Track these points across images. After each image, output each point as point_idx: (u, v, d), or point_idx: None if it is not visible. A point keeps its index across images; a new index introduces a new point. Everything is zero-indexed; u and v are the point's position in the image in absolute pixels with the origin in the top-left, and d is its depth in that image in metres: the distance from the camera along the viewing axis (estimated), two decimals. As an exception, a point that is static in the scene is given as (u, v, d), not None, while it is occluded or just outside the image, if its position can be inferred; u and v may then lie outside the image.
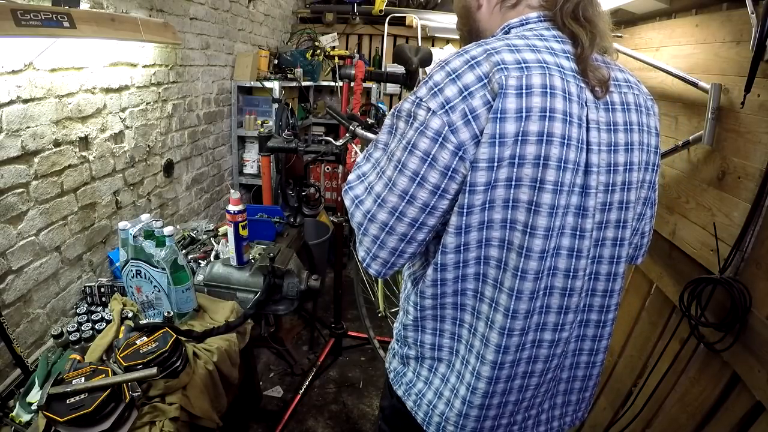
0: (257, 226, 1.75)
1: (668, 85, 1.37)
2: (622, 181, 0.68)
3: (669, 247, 1.33)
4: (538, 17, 0.68)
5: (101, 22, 1.36)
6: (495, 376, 0.69)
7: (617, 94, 0.68)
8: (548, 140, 0.60)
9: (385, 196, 0.65)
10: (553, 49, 0.64)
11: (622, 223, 0.70)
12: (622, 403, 1.49)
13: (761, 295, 0.98)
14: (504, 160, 0.60)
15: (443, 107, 0.60)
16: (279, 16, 3.52)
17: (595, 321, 0.75)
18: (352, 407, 2.14)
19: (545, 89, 0.59)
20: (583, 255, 0.67)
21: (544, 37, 0.65)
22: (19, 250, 1.28)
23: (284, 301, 1.50)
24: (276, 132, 2.08)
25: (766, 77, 0.98)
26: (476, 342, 0.70)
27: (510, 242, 0.64)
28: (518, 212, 0.62)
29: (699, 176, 1.22)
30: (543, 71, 0.60)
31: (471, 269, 0.68)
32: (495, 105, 0.59)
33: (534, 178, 0.61)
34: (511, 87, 0.58)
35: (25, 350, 1.28)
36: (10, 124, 1.21)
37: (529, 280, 0.64)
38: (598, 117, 0.65)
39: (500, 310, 0.66)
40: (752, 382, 0.96)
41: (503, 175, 0.61)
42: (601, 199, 0.67)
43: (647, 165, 0.72)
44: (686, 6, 1.35)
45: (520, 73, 0.59)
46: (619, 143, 0.67)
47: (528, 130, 0.59)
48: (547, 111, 0.59)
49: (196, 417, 1.14)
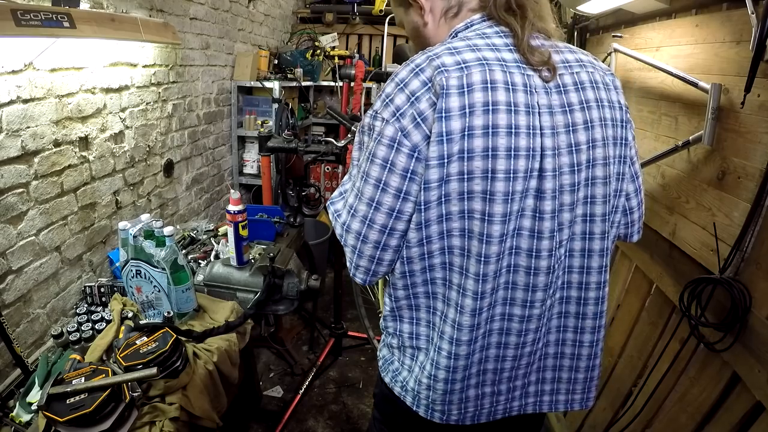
0: (257, 226, 1.75)
1: (668, 85, 1.37)
2: (586, 159, 0.70)
3: (669, 247, 1.33)
4: (481, 17, 0.71)
5: (101, 22, 1.36)
6: (468, 351, 0.72)
7: (568, 75, 0.69)
8: (494, 132, 0.63)
9: (356, 206, 0.70)
10: (495, 45, 0.67)
11: (590, 200, 0.72)
12: (622, 403, 1.49)
13: (761, 295, 0.98)
14: (453, 156, 0.63)
15: (394, 115, 0.65)
16: (279, 16, 3.52)
17: (575, 298, 0.77)
18: (352, 407, 2.14)
19: (485, 84, 0.63)
20: (545, 236, 0.69)
21: (486, 35, 0.68)
22: (19, 250, 1.28)
23: (284, 301, 1.50)
24: (276, 132, 2.08)
25: (766, 77, 0.98)
26: (447, 328, 0.72)
27: (470, 231, 0.67)
28: (474, 202, 0.65)
29: (699, 176, 1.22)
30: (482, 68, 0.63)
31: (437, 259, 0.70)
32: (438, 105, 0.62)
33: (485, 169, 0.64)
34: (453, 87, 0.62)
35: (25, 350, 1.28)
36: (10, 124, 1.21)
37: (492, 263, 0.67)
38: (550, 101, 0.67)
39: (468, 294, 0.69)
40: (752, 382, 0.96)
41: (455, 169, 0.64)
42: (568, 180, 0.68)
43: (615, 140, 0.73)
44: (686, 6, 1.35)
45: (460, 72, 0.63)
46: (577, 123, 0.68)
47: (473, 124, 0.62)
48: (490, 104, 0.62)
49: (196, 417, 1.14)
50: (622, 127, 0.74)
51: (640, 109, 1.52)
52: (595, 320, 0.79)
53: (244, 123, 2.87)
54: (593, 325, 0.79)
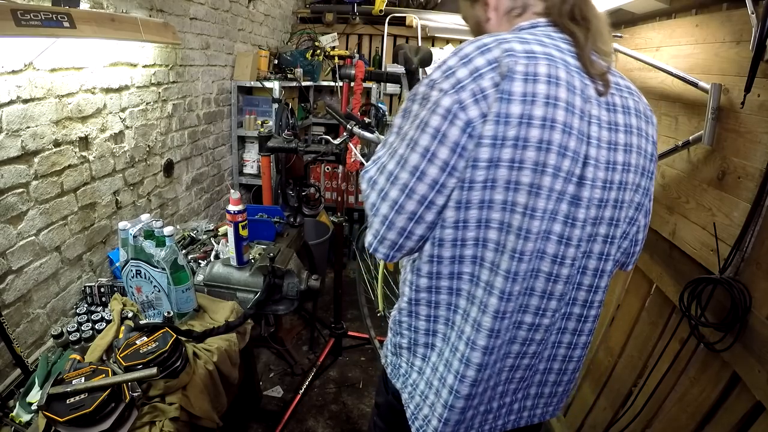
0: (257, 226, 1.75)
1: (668, 85, 1.37)
2: (619, 180, 0.70)
3: (669, 247, 1.33)
4: (546, 22, 0.72)
5: (101, 22, 1.36)
6: (484, 362, 0.71)
7: (619, 98, 0.71)
8: (552, 126, 0.63)
9: (397, 173, 0.68)
10: (560, 47, 0.68)
11: (614, 222, 0.72)
12: (622, 403, 1.49)
13: (761, 295, 0.98)
14: (508, 140, 0.63)
15: (454, 87, 0.64)
16: (279, 16, 3.52)
17: (577, 315, 0.77)
18: (352, 407, 2.14)
19: (550, 78, 0.63)
20: (573, 243, 0.69)
21: (551, 37, 0.69)
22: (19, 250, 1.28)
23: (284, 301, 1.50)
24: (276, 132, 2.08)
25: (766, 77, 0.98)
26: (467, 328, 0.71)
27: (509, 224, 0.66)
28: (519, 194, 0.65)
29: (699, 176, 1.22)
30: (549, 62, 0.64)
31: (469, 250, 0.69)
32: (502, 86, 0.62)
33: (536, 161, 0.63)
34: (519, 72, 0.62)
35: (25, 350, 1.28)
36: (10, 124, 1.21)
37: (525, 261, 0.67)
38: (600, 114, 0.68)
39: (495, 293, 0.68)
40: (752, 382, 0.96)
41: (507, 155, 0.63)
42: (597, 195, 0.69)
43: (644, 170, 0.74)
44: (686, 6, 1.35)
45: (527, 61, 0.63)
46: (618, 143, 0.70)
47: (533, 114, 0.62)
48: (551, 98, 0.63)
49: (196, 417, 1.14)
50: (651, 161, 0.76)
51: (640, 109, 1.52)
52: (587, 337, 0.80)
53: (244, 123, 2.87)
54: (585, 342, 0.80)
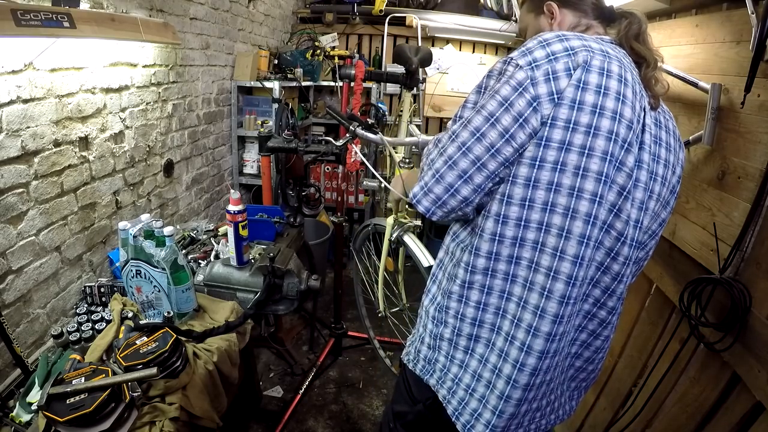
0: (257, 226, 1.75)
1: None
2: (657, 192, 0.76)
3: (669, 247, 1.33)
4: (610, 40, 0.77)
5: (101, 22, 1.36)
6: (547, 349, 0.71)
7: (663, 117, 0.78)
8: (620, 119, 0.68)
9: (459, 131, 0.72)
10: (620, 59, 0.72)
11: (641, 226, 0.75)
12: (622, 403, 1.49)
13: (761, 295, 0.98)
14: (580, 126, 0.66)
15: (530, 64, 0.69)
16: (279, 16, 3.52)
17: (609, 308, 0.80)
18: (352, 407, 2.14)
19: (621, 78, 0.68)
20: (627, 242, 0.73)
21: (615, 49, 0.75)
22: (19, 250, 1.28)
23: (284, 301, 1.50)
24: (276, 132, 2.08)
25: (766, 77, 0.98)
26: (527, 315, 0.71)
27: (575, 210, 0.68)
28: (587, 181, 0.67)
29: (699, 176, 1.22)
30: (619, 64, 0.70)
31: (531, 234, 0.70)
32: (577, 75, 0.67)
33: (605, 150, 0.67)
34: (595, 66, 0.67)
35: (25, 350, 1.28)
36: (10, 124, 1.21)
37: (590, 247, 0.69)
38: (650, 125, 0.74)
39: (561, 279, 0.69)
40: (752, 382, 0.96)
41: (578, 140, 0.67)
42: (639, 197, 0.72)
43: (673, 189, 0.81)
44: (686, 6, 1.35)
45: (603, 57, 0.69)
46: (660, 157, 0.76)
47: (605, 105, 0.67)
48: (621, 95, 0.68)
49: (196, 417, 1.14)
50: (678, 182, 0.82)
51: (640, 109, 1.52)
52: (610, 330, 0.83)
53: (244, 123, 2.87)
54: (608, 335, 0.83)
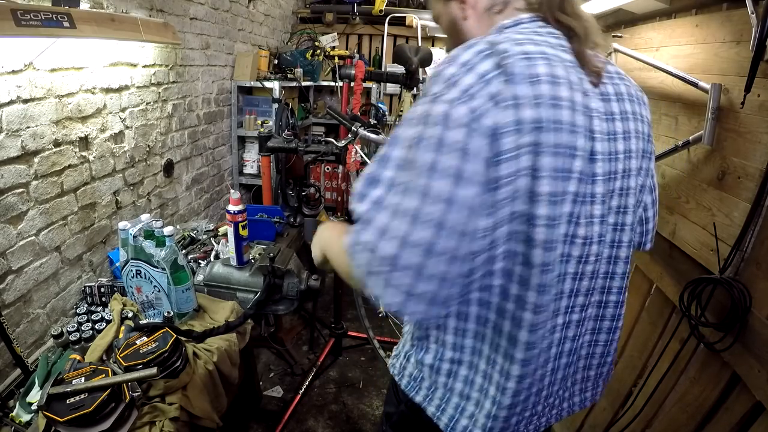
0: (257, 226, 1.75)
1: (668, 85, 1.37)
2: (622, 168, 0.70)
3: (669, 247, 1.33)
4: (530, 18, 0.68)
5: (101, 22, 1.36)
6: (524, 373, 0.70)
7: (610, 86, 0.70)
8: (559, 128, 0.60)
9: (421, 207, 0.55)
10: (550, 43, 0.65)
11: (623, 209, 0.73)
12: (622, 403, 1.49)
13: (761, 295, 0.98)
14: (523, 147, 0.58)
15: (464, 94, 0.57)
16: (279, 16, 3.52)
17: (597, 302, 0.77)
18: (352, 407, 2.14)
19: (551, 78, 0.60)
20: (594, 240, 0.69)
21: (539, 33, 0.67)
22: (19, 250, 1.28)
23: (284, 301, 1.50)
24: (276, 132, 2.08)
25: (766, 77, 0.98)
26: (503, 342, 0.69)
27: (531, 238, 0.61)
28: (540, 206, 0.60)
29: (699, 176, 1.22)
30: (546, 61, 0.61)
31: (499, 264, 0.64)
32: (511, 92, 0.57)
33: (554, 167, 0.60)
34: (522, 75, 0.58)
35: (25, 350, 1.28)
36: (10, 124, 1.21)
37: (553, 272, 0.65)
38: (597, 106, 0.67)
39: (528, 308, 0.66)
40: (752, 382, 0.96)
41: (525, 163, 0.58)
42: (601, 189, 0.68)
43: (643, 152, 0.75)
44: (686, 6, 1.35)
45: (527, 62, 0.59)
46: (617, 132, 0.69)
47: (542, 117, 0.59)
48: (555, 99, 0.60)
49: (196, 417, 1.14)
50: (647, 141, 0.76)
51: (640, 109, 1.52)
52: (611, 322, 0.80)
53: (244, 123, 2.87)
54: (611, 326, 0.80)
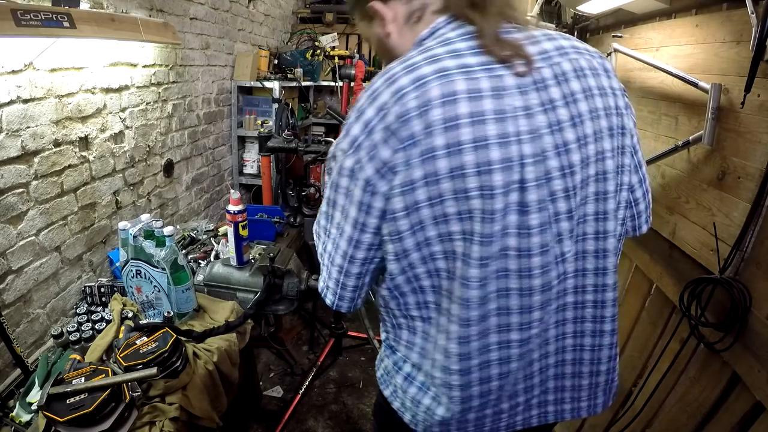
0: (257, 226, 1.75)
1: (668, 85, 1.37)
2: (580, 159, 0.63)
3: (669, 247, 1.33)
4: (446, 20, 0.65)
5: (101, 22, 1.36)
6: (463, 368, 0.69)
7: (548, 68, 0.63)
8: (459, 149, 0.57)
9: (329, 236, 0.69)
10: (458, 50, 0.61)
11: (598, 196, 0.67)
12: (622, 403, 1.49)
13: (761, 295, 0.98)
14: (417, 182, 0.59)
15: (353, 144, 0.61)
16: (279, 16, 3.52)
17: (591, 302, 0.72)
18: (352, 407, 2.14)
19: (444, 98, 0.57)
20: (535, 252, 0.64)
21: (449, 40, 0.63)
22: (19, 250, 1.28)
23: (284, 301, 1.50)
24: (276, 132, 2.08)
25: (766, 77, 0.98)
26: (438, 355, 0.70)
27: (453, 252, 0.63)
28: (451, 224, 0.61)
29: (699, 176, 1.22)
30: (441, 80, 0.58)
31: (425, 281, 0.67)
32: (397, 136, 0.58)
33: (455, 190, 0.59)
34: (412, 109, 0.57)
35: (25, 350, 1.28)
36: (10, 124, 1.21)
37: (473, 287, 0.63)
38: (527, 101, 0.61)
39: (454, 321, 0.66)
40: (752, 382, 0.96)
41: (422, 195, 0.59)
42: (560, 185, 0.63)
43: (611, 130, 0.66)
44: (686, 6, 1.35)
45: (417, 92, 0.58)
46: (562, 120, 0.62)
47: (434, 145, 0.57)
48: (451, 120, 0.57)
49: (196, 417, 1.14)
50: (618, 115, 0.67)
51: (640, 109, 1.52)
52: (612, 323, 0.75)
53: (244, 123, 2.87)
54: (611, 328, 0.76)
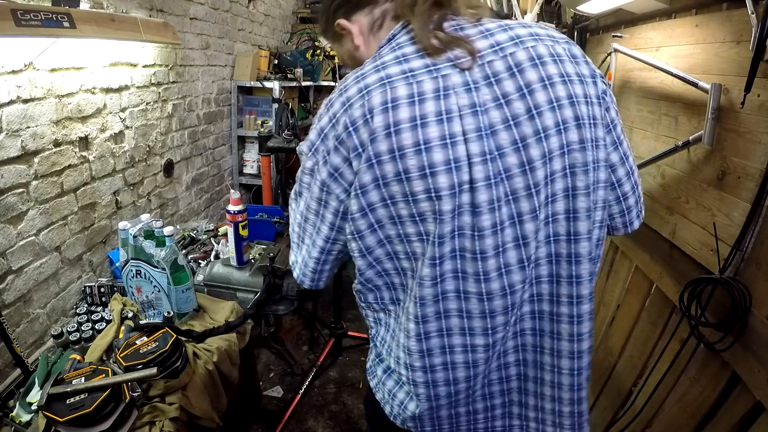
0: (257, 226, 1.75)
1: (668, 85, 1.37)
2: (541, 153, 0.59)
3: (669, 247, 1.33)
4: (402, 25, 0.65)
5: (101, 22, 1.36)
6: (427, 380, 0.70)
7: (500, 61, 0.60)
8: (401, 155, 0.58)
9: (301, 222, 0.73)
10: (405, 55, 0.61)
11: (570, 192, 0.62)
12: (622, 403, 1.49)
13: (761, 295, 0.98)
14: (367, 186, 0.61)
15: (310, 149, 0.66)
16: (279, 16, 3.52)
17: (567, 315, 0.67)
18: (352, 407, 2.14)
19: (385, 105, 0.58)
20: (489, 254, 0.62)
21: (399, 45, 0.63)
22: (19, 250, 1.28)
23: (284, 301, 1.50)
24: (276, 132, 2.08)
25: (766, 77, 0.98)
26: (401, 353, 0.71)
27: (413, 252, 0.64)
28: (406, 226, 0.62)
29: (699, 176, 1.22)
30: (383, 89, 0.59)
31: (396, 278, 0.69)
32: (350, 143, 0.60)
33: (404, 193, 0.59)
34: (358, 118, 0.59)
35: (25, 350, 1.28)
36: (10, 124, 1.21)
37: (426, 286, 0.64)
38: (476, 98, 0.58)
39: (411, 319, 0.67)
40: (752, 382, 0.96)
41: (375, 197, 0.61)
42: (521, 183, 0.60)
43: (578, 120, 0.60)
44: (686, 6, 1.35)
45: (361, 101, 0.59)
46: (518, 114, 0.59)
47: (378, 151, 0.58)
48: (391, 126, 0.58)
49: (196, 417, 1.14)
50: (588, 104, 0.61)
51: (640, 109, 1.52)
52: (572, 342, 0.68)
53: (244, 123, 2.87)
54: (571, 349, 0.69)
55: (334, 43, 0.78)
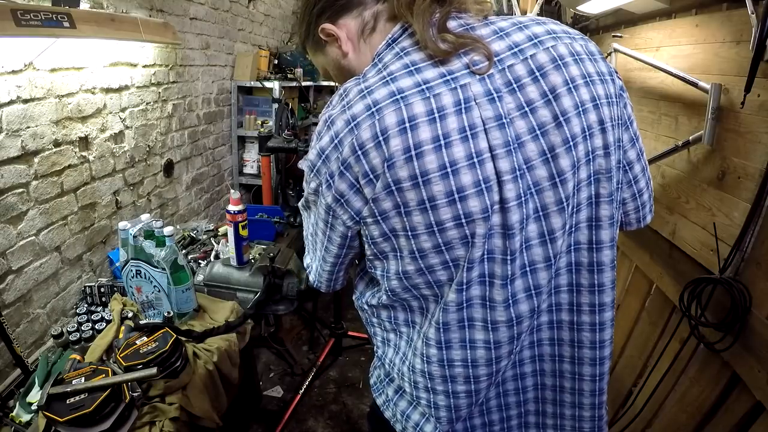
0: (257, 226, 1.75)
1: (668, 85, 1.37)
2: (571, 164, 0.56)
3: (669, 247, 1.33)
4: (401, 29, 0.58)
5: (101, 22, 1.36)
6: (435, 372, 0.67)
7: (520, 64, 0.55)
8: (425, 181, 0.52)
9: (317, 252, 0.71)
10: (415, 63, 0.55)
11: (594, 200, 0.59)
12: (622, 403, 1.49)
13: (761, 295, 0.98)
14: (389, 212, 0.56)
15: (313, 169, 0.60)
16: (279, 16, 3.52)
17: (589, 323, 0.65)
18: (352, 407, 2.14)
19: (402, 125, 0.52)
20: (517, 276, 0.59)
21: (406, 51, 0.57)
22: (19, 250, 1.28)
23: (284, 301, 1.50)
24: (276, 132, 2.08)
25: (766, 77, 0.98)
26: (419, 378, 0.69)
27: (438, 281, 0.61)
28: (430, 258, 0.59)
29: (699, 176, 1.22)
30: (397, 105, 0.52)
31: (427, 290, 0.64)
32: (354, 168, 0.54)
33: (428, 223, 0.55)
34: (368, 141, 0.53)
35: (25, 350, 1.28)
36: (10, 124, 1.21)
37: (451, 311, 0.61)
38: (501, 109, 0.54)
39: (433, 344, 0.64)
40: (752, 382, 0.96)
41: (398, 225, 0.57)
42: (552, 198, 0.57)
43: (604, 123, 0.57)
44: (686, 6, 1.35)
45: (371, 120, 0.53)
46: (545, 123, 0.55)
47: (398, 178, 0.53)
48: (412, 149, 0.52)
49: (196, 417, 1.14)
50: (609, 104, 0.58)
51: (640, 109, 1.52)
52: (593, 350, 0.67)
53: (244, 123, 2.87)
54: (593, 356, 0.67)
55: (316, 53, 0.70)
